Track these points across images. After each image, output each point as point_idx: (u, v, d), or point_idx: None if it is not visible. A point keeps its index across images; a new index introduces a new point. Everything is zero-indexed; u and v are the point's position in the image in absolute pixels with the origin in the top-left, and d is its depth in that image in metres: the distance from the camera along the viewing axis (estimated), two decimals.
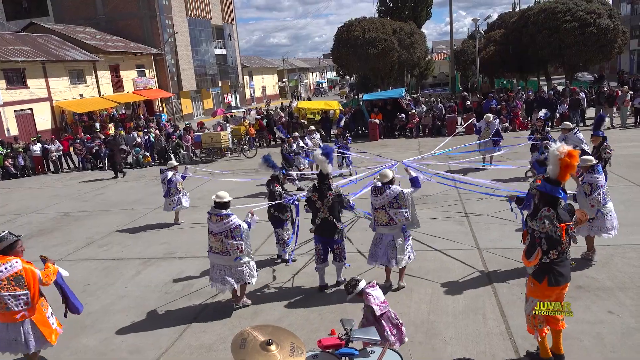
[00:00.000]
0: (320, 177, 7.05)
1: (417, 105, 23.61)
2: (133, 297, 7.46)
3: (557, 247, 4.61)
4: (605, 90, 20.42)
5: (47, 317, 5.29)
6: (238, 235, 6.35)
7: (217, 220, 6.38)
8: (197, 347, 5.88)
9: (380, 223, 6.69)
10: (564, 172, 4.65)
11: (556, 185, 4.66)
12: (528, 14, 29.10)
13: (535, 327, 4.82)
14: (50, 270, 5.27)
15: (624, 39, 27.22)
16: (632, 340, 5.19)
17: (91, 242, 10.48)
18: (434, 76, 46.26)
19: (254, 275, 6.66)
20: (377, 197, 6.67)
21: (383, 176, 6.74)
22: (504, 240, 8.25)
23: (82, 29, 38.24)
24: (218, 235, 6.38)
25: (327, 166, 7.04)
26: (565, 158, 4.58)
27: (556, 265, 4.64)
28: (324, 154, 7.02)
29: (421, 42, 33.10)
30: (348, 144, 15.13)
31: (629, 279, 6.58)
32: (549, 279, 4.64)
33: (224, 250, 6.38)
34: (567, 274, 4.73)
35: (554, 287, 4.67)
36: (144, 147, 20.90)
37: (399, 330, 4.84)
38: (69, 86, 32.01)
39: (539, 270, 4.70)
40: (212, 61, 49.23)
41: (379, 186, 6.69)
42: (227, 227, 6.33)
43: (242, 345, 2.82)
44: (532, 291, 4.82)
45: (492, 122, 13.88)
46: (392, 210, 6.57)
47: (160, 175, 11.30)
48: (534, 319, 4.80)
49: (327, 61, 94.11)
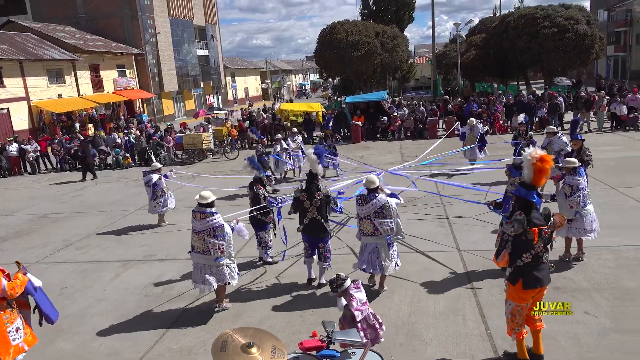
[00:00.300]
0: (310, 177, 7.11)
1: (399, 108, 23.76)
2: (111, 300, 7.35)
3: (529, 251, 4.66)
4: (583, 95, 20.82)
5: (6, 332, 4.83)
6: (220, 235, 6.34)
7: (201, 217, 6.37)
8: (177, 351, 5.82)
9: (366, 233, 6.64)
10: (538, 177, 4.72)
11: (531, 190, 4.73)
12: (508, 19, 29.55)
13: (513, 330, 4.88)
14: (18, 282, 4.91)
15: (601, 45, 27.79)
16: (607, 341, 5.29)
17: (69, 244, 10.31)
18: (416, 79, 46.71)
19: (235, 277, 6.62)
20: (362, 206, 6.61)
21: (370, 182, 6.64)
22: (485, 242, 8.34)
23: (61, 28, 37.63)
24: (201, 233, 6.36)
25: (317, 166, 7.10)
26: (537, 163, 4.67)
27: (531, 268, 4.70)
28: (315, 154, 7.08)
29: (403, 45, 33.37)
30: (337, 146, 15.19)
31: (604, 280, 6.71)
32: (523, 281, 4.70)
33: (205, 249, 6.35)
34: (544, 278, 4.77)
35: (529, 290, 4.73)
36: (124, 148, 20.64)
37: (375, 330, 4.87)
38: (47, 86, 31.46)
39: (513, 273, 4.77)
40: (194, 62, 48.89)
41: (365, 195, 6.63)
42: (210, 225, 6.31)
43: (223, 348, 2.79)
44: (509, 294, 4.89)
45: (476, 127, 13.92)
46: (377, 220, 6.53)
47: (144, 178, 11.12)
48: (513, 321, 4.86)
49: (310, 63, 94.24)
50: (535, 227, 4.62)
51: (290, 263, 8.18)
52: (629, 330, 5.45)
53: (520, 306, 4.80)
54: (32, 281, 5.12)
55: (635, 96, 20.20)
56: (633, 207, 9.73)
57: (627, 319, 5.69)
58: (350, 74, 32.94)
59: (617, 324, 5.58)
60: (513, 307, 4.83)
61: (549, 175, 5.02)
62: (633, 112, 19.53)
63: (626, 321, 5.64)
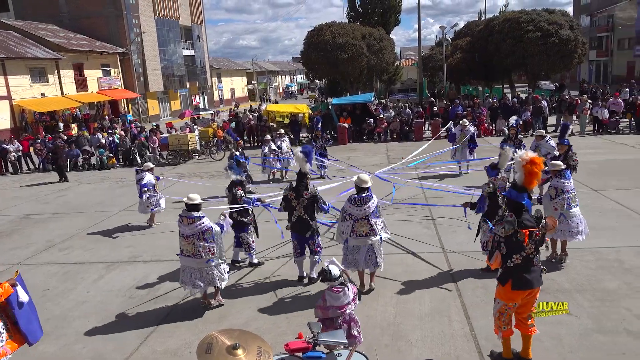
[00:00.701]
0: (299, 176, 7.21)
1: (385, 110, 23.87)
2: (95, 302, 7.27)
3: (520, 252, 4.71)
4: (566, 98, 21.12)
5: None
6: (210, 238, 6.34)
7: (189, 222, 6.33)
8: (162, 353, 5.77)
9: (359, 234, 6.60)
10: (529, 179, 4.76)
11: (522, 192, 4.78)
12: (493, 23, 29.87)
13: (499, 328, 4.93)
14: (1, 291, 4.70)
15: (583, 50, 28.22)
16: (589, 341, 5.38)
17: (52, 245, 10.17)
18: (402, 82, 46.98)
19: (225, 279, 6.63)
20: (361, 207, 6.58)
21: (362, 181, 6.65)
22: (470, 243, 8.39)
23: (44, 26, 37.12)
24: (190, 237, 6.34)
25: (305, 165, 7.18)
26: (528, 165, 4.71)
27: (521, 269, 4.74)
28: (303, 152, 7.17)
29: (390, 47, 33.50)
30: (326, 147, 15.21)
31: (586, 281, 6.81)
32: (512, 282, 4.75)
33: (196, 252, 6.35)
34: (535, 280, 4.80)
35: (518, 291, 4.77)
36: (108, 149, 20.42)
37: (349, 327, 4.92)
38: (29, 84, 30.99)
39: (503, 273, 4.82)
40: (180, 62, 48.58)
41: (362, 196, 6.61)
42: (199, 229, 6.30)
43: (208, 349, 2.79)
44: (498, 292, 4.94)
45: (468, 128, 14.00)
46: (373, 220, 6.59)
47: (136, 176, 11.03)
48: (499, 319, 4.91)
49: (296, 65, 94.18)
50: (526, 229, 4.67)
51: (277, 264, 8.16)
52: (609, 331, 5.54)
53: (507, 305, 4.84)
54: (18, 294, 4.84)
55: (617, 100, 20.58)
56: (614, 210, 9.90)
57: (608, 319, 5.78)
58: (336, 75, 33.00)
59: (598, 325, 5.67)
60: (501, 306, 4.88)
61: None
62: (614, 116, 19.89)
63: (607, 322, 5.73)
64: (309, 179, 7.36)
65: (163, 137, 20.94)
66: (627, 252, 7.67)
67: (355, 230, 6.61)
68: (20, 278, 4.98)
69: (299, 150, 7.32)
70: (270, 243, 9.00)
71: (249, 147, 22.56)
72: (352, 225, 6.61)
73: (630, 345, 5.25)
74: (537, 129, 20.16)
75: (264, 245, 8.98)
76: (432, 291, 6.83)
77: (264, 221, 9.08)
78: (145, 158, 19.90)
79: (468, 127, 14.00)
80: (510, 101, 22.11)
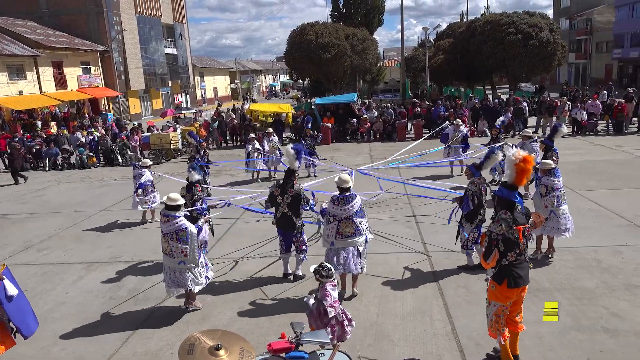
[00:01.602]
0: (287, 173, 7.28)
1: (368, 110, 23.96)
2: (74, 304, 7.15)
3: (514, 249, 4.75)
4: (546, 100, 21.45)
5: None
6: (183, 239, 6.22)
7: (165, 221, 6.30)
8: (143, 354, 5.70)
9: (345, 235, 6.55)
10: (520, 177, 4.83)
11: (512, 190, 4.85)
12: (475, 24, 30.17)
13: (498, 331, 4.89)
14: None
15: (563, 52, 28.67)
16: (567, 339, 5.47)
17: (30, 245, 9.98)
18: (385, 82, 47.19)
19: (199, 283, 6.47)
20: (344, 206, 6.55)
21: (343, 181, 6.63)
22: (452, 243, 8.48)
23: (22, 23, 36.39)
24: (166, 236, 6.31)
25: (295, 163, 7.23)
26: (520, 163, 4.78)
27: (515, 267, 4.78)
28: (294, 149, 7.22)
29: (373, 48, 33.62)
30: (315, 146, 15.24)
31: (565, 280, 6.92)
32: (508, 281, 4.76)
33: (170, 252, 6.30)
34: (526, 276, 4.87)
35: (514, 289, 4.80)
36: (88, 148, 20.12)
37: (342, 327, 4.92)
38: (7, 82, 30.35)
39: (498, 272, 4.81)
40: (162, 60, 48.07)
41: (345, 195, 6.58)
42: (174, 228, 6.23)
43: (190, 350, 2.76)
44: (493, 294, 4.90)
45: (461, 129, 14.03)
46: (357, 219, 6.57)
47: (134, 171, 11.06)
48: (497, 322, 4.87)
49: (280, 64, 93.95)
50: (519, 226, 4.74)
51: (259, 264, 8.13)
52: (588, 329, 5.65)
53: (504, 306, 4.84)
54: (5, 288, 4.72)
55: (595, 102, 20.97)
56: (592, 210, 10.08)
57: (586, 318, 5.89)
58: (320, 75, 33.01)
59: (577, 323, 5.77)
60: (498, 308, 4.85)
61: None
62: (592, 118, 20.26)
63: (585, 320, 5.83)
64: (297, 178, 7.36)
65: (145, 136, 20.71)
66: (605, 252, 7.82)
67: (341, 231, 6.56)
68: (7, 271, 4.81)
69: (290, 147, 7.35)
70: (252, 242, 8.98)
71: (232, 147, 22.46)
72: (337, 227, 6.56)
73: (608, 343, 5.35)
74: (517, 130, 20.51)
75: (246, 243, 8.95)
76: (415, 291, 6.87)
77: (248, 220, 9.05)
78: (126, 157, 19.67)
79: (461, 127, 14.14)
80: (491, 102, 22.37)
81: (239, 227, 10.14)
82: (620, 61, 46.65)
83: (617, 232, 8.72)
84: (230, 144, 23.15)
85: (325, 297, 4.81)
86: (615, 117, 20.05)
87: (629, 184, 11.98)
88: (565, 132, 10.59)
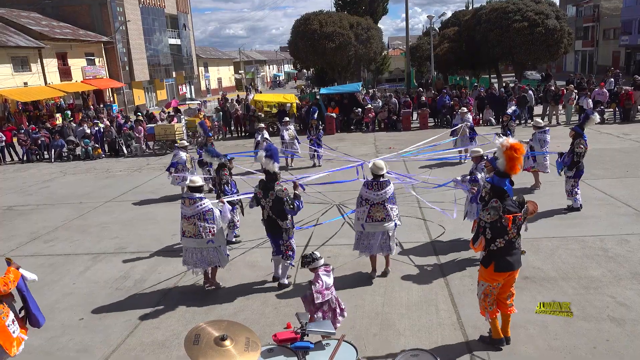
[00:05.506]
0: (267, 175, 6.87)
1: (373, 100, 23.84)
2: (81, 294, 7.20)
3: (503, 236, 4.83)
4: (552, 88, 21.26)
5: (6, 326, 4.63)
6: (210, 218, 6.61)
7: (190, 203, 6.63)
8: (150, 344, 5.74)
9: (376, 219, 6.65)
10: (511, 165, 4.89)
11: (503, 178, 4.91)
12: (480, 12, 29.86)
13: (486, 309, 5.07)
14: (11, 277, 4.69)
15: (569, 40, 28.36)
16: (573, 328, 5.45)
17: (36, 237, 10.04)
18: (390, 71, 46.94)
19: (226, 260, 6.92)
20: (378, 191, 6.63)
21: (378, 168, 6.66)
22: (457, 233, 8.47)
23: (26, 14, 36.38)
24: (191, 218, 6.62)
25: (272, 166, 6.84)
26: (509, 151, 4.87)
27: (503, 253, 4.88)
28: (267, 156, 6.86)
29: (377, 37, 33.40)
30: (320, 137, 15.21)
31: (571, 269, 6.90)
32: (495, 264, 4.89)
33: (197, 233, 6.62)
34: (515, 262, 4.96)
35: (500, 273, 4.93)
36: (93, 139, 20.17)
37: (334, 314, 5.00)
38: (12, 74, 30.41)
39: (486, 256, 4.97)
40: (165, 51, 48.00)
41: (379, 181, 6.63)
42: (200, 210, 6.60)
43: (196, 341, 2.77)
44: (481, 275, 5.10)
45: (467, 117, 13.98)
46: (389, 205, 6.64)
47: (174, 150, 12.07)
48: (485, 301, 5.05)
49: (284, 54, 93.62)
50: (509, 214, 4.77)
51: (265, 255, 8.14)
52: (594, 318, 5.63)
53: (492, 286, 5.00)
54: (25, 276, 4.94)
55: (602, 90, 20.75)
56: (599, 198, 10.02)
57: (592, 307, 5.87)
58: (324, 65, 32.85)
59: (582, 312, 5.76)
60: (485, 288, 5.03)
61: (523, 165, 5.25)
62: (599, 106, 20.05)
63: (591, 309, 5.82)
64: (279, 179, 6.96)
65: (149, 127, 20.72)
66: (611, 241, 7.78)
67: (372, 215, 6.67)
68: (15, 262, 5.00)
69: (262, 154, 6.99)
70: (259, 234, 8.98)
71: (237, 137, 22.45)
72: (369, 210, 6.66)
73: (614, 332, 5.34)
74: (522, 119, 20.37)
75: (253, 235, 8.96)
76: (420, 280, 6.87)
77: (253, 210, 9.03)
78: (131, 148, 19.71)
79: (467, 115, 14.05)
80: (497, 91, 22.20)
81: (245, 217, 10.14)
82: (627, 48, 46.09)
83: (624, 220, 8.67)
84: (234, 134, 23.13)
85: (315, 282, 4.91)
86: (623, 105, 19.85)
87: (636, 173, 11.90)
88: (597, 121, 10.65)
